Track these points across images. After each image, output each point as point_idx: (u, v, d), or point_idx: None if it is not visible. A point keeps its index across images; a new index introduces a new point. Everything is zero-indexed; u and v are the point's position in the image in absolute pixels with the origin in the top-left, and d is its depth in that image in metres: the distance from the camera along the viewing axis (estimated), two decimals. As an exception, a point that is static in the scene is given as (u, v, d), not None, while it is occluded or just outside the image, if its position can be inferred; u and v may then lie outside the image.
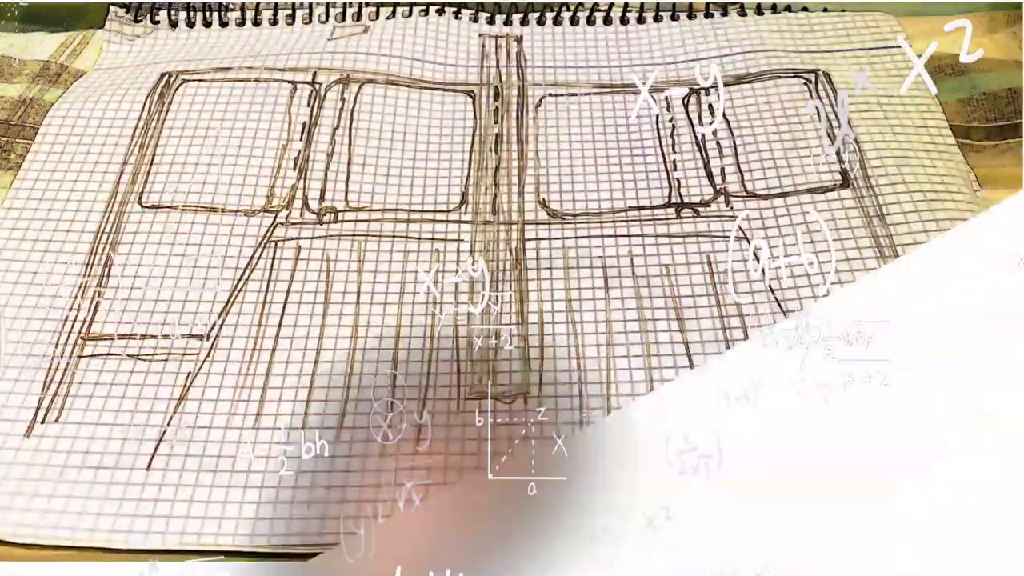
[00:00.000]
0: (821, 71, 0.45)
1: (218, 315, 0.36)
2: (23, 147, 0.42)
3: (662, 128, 0.43)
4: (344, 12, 0.49)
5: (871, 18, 0.48)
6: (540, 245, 0.39)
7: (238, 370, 0.35)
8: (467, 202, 0.41)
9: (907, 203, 0.39)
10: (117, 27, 0.49)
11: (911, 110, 0.43)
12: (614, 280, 0.37)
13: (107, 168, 0.41)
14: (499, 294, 0.37)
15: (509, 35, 0.49)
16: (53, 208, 0.40)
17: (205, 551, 0.30)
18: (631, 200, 0.40)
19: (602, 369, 0.35)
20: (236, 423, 0.33)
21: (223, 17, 0.50)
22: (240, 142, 0.42)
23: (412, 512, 0.30)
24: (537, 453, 0.32)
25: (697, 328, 0.36)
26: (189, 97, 0.44)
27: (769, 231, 0.38)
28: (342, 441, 0.33)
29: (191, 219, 0.39)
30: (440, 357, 0.35)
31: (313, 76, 0.45)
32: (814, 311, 0.34)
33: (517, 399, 0.34)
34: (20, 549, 0.30)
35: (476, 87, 0.46)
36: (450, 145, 0.43)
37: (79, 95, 0.45)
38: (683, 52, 0.47)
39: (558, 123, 0.44)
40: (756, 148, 0.42)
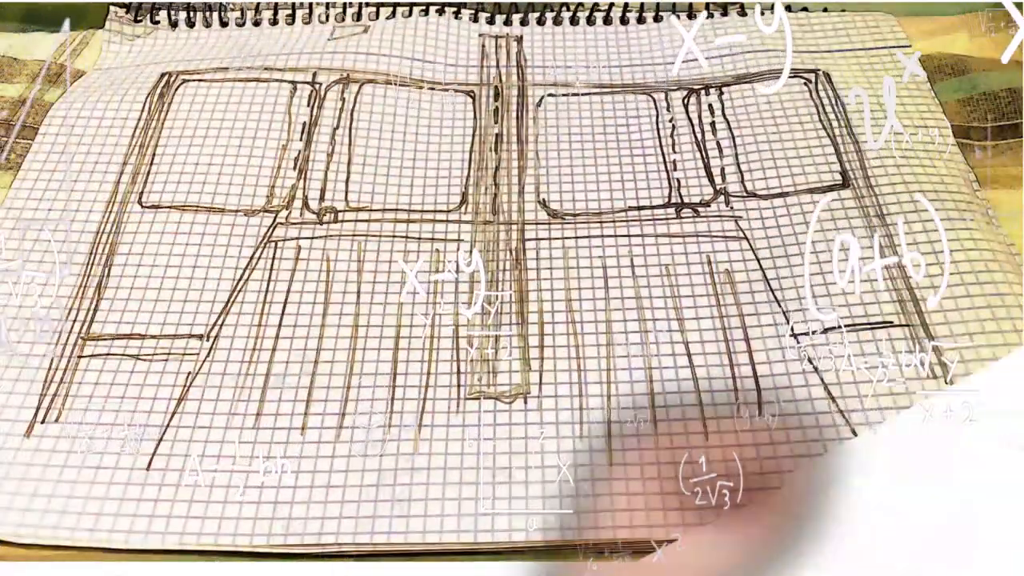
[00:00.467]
0: (821, 71, 0.45)
1: (218, 315, 0.36)
2: (23, 147, 0.42)
3: (662, 128, 0.43)
4: (344, 12, 0.49)
5: (871, 18, 0.48)
6: (540, 245, 0.39)
7: (238, 370, 0.35)
8: (467, 202, 0.41)
9: (907, 203, 0.39)
10: (117, 27, 0.49)
11: (911, 110, 0.43)
12: (614, 280, 0.37)
13: (107, 168, 0.41)
14: (496, 294, 0.37)
15: (509, 35, 0.49)
16: (53, 208, 0.40)
17: (205, 551, 0.30)
18: (631, 200, 0.40)
19: (602, 369, 0.35)
20: (236, 423, 0.33)
21: (223, 17, 0.50)
22: (240, 142, 0.42)
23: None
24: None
25: (697, 328, 0.36)
26: (189, 97, 0.44)
27: (770, 231, 0.39)
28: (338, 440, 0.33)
29: (191, 219, 0.39)
30: (440, 357, 0.35)
31: (313, 76, 0.45)
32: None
33: (517, 399, 0.34)
34: (20, 549, 0.30)
35: (476, 87, 0.46)
36: (450, 145, 0.43)
37: (79, 95, 0.45)
38: (683, 52, 0.47)
39: (558, 123, 0.44)
40: (756, 148, 0.42)
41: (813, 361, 0.34)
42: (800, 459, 0.31)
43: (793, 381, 0.34)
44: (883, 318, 0.35)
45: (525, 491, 0.31)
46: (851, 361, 0.34)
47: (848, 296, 0.36)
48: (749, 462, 0.32)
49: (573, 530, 0.30)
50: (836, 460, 0.31)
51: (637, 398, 0.34)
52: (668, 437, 0.33)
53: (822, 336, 0.35)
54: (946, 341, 0.34)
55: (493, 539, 0.30)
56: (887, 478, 0.31)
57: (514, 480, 0.32)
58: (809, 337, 0.35)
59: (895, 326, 0.35)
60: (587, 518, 0.31)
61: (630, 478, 0.32)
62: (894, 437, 0.32)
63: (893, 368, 0.34)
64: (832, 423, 0.33)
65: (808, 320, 0.35)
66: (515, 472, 0.32)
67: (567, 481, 0.32)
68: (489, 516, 0.31)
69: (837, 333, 0.35)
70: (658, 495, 0.31)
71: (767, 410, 0.33)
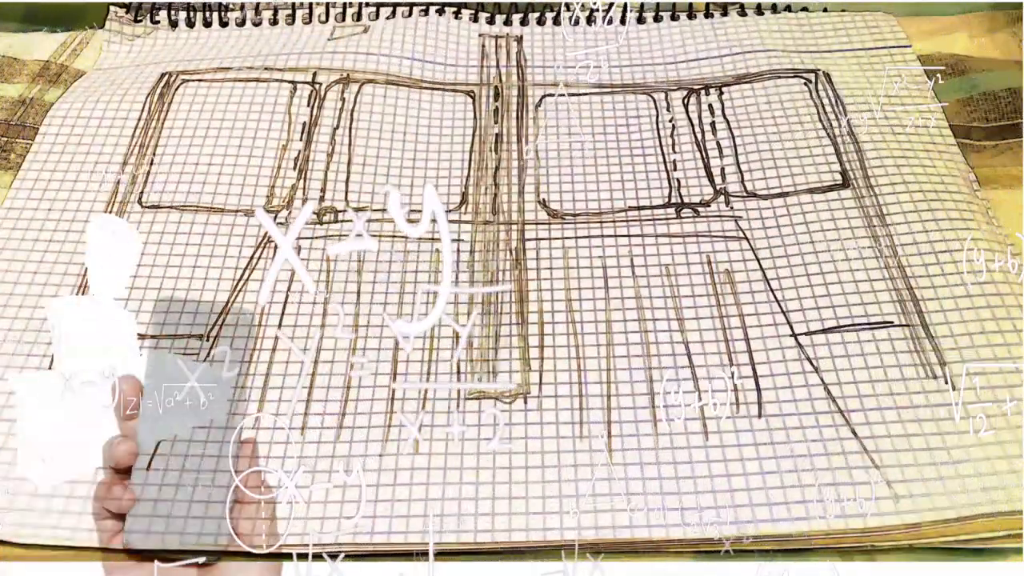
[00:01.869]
0: (821, 71, 0.45)
1: (218, 315, 0.36)
2: (23, 147, 0.42)
3: (662, 128, 0.43)
4: (344, 12, 0.49)
5: (871, 18, 0.48)
6: (540, 245, 0.39)
7: (238, 370, 0.35)
8: (467, 202, 0.41)
9: (907, 203, 0.39)
10: (117, 27, 0.49)
11: (911, 110, 0.43)
12: (614, 280, 0.37)
13: (107, 168, 0.41)
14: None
15: (509, 35, 0.49)
16: (53, 208, 0.40)
17: (205, 551, 0.30)
18: (631, 200, 0.40)
19: (602, 369, 0.35)
20: (236, 423, 0.33)
21: (223, 17, 0.50)
22: (240, 142, 0.42)
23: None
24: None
25: (697, 328, 0.36)
26: (189, 97, 0.44)
27: (770, 231, 0.39)
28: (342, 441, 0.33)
29: (191, 219, 0.39)
30: (440, 357, 0.35)
31: (313, 76, 0.45)
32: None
33: (517, 399, 0.34)
34: (20, 549, 0.30)
35: (476, 87, 0.46)
36: (450, 145, 0.43)
37: (79, 95, 0.45)
38: (683, 52, 0.47)
39: (558, 123, 0.44)
40: (756, 148, 0.42)
41: (813, 361, 0.34)
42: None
43: (793, 381, 0.34)
44: (883, 318, 0.35)
45: (525, 491, 0.31)
46: (851, 361, 0.34)
47: (848, 296, 0.36)
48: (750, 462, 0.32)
49: (573, 530, 0.30)
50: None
51: (637, 398, 0.34)
52: (668, 437, 0.33)
53: (822, 336, 0.35)
54: (946, 341, 0.34)
55: (493, 539, 0.30)
56: None
57: (514, 480, 0.32)
58: (809, 337, 0.35)
59: (895, 326, 0.35)
60: (587, 518, 0.31)
61: (630, 478, 0.32)
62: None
63: (893, 368, 0.34)
64: (832, 423, 0.33)
65: (808, 320, 0.35)
66: (515, 472, 0.32)
67: (568, 481, 0.32)
68: (489, 516, 0.31)
69: (837, 333, 0.35)
70: (658, 495, 0.31)
71: (767, 410, 0.33)
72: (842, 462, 0.32)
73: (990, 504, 0.30)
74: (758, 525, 0.30)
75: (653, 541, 0.30)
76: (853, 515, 0.30)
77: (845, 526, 0.30)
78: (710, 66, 0.46)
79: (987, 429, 0.32)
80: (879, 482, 0.31)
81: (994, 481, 0.31)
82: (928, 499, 0.31)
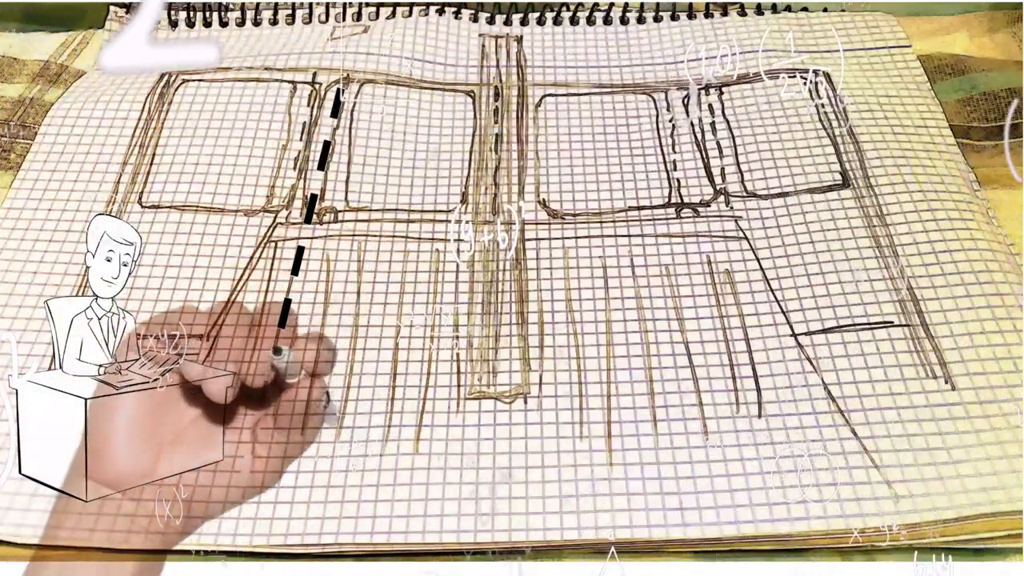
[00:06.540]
0: (821, 71, 0.45)
1: (218, 315, 0.36)
2: (23, 147, 0.42)
3: (662, 128, 0.43)
4: (344, 12, 0.49)
5: (871, 18, 0.48)
6: (540, 245, 0.39)
7: (239, 370, 0.35)
8: (467, 202, 0.41)
9: (907, 203, 0.39)
10: (117, 27, 0.49)
11: (911, 110, 0.43)
12: (614, 280, 0.37)
13: (107, 168, 0.41)
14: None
15: (509, 35, 0.49)
16: (53, 208, 0.40)
17: (205, 551, 0.30)
18: (631, 200, 0.40)
19: (602, 369, 0.35)
20: (237, 423, 0.33)
21: (223, 17, 0.50)
22: (240, 142, 0.42)
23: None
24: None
25: (697, 328, 0.36)
26: (189, 97, 0.44)
27: (770, 231, 0.39)
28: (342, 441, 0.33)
29: (191, 219, 0.39)
30: (440, 357, 0.35)
31: (313, 76, 0.45)
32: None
33: (517, 399, 0.34)
34: (20, 549, 0.30)
35: (476, 87, 0.46)
36: (450, 145, 0.43)
37: (79, 95, 0.45)
38: (683, 52, 0.47)
39: (558, 123, 0.44)
40: (756, 148, 0.42)
41: (813, 361, 0.34)
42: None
43: (793, 381, 0.34)
44: (883, 318, 0.35)
45: (525, 491, 0.31)
46: (851, 361, 0.34)
47: (848, 296, 0.36)
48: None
49: (574, 530, 0.30)
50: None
51: (637, 398, 0.34)
52: (668, 437, 0.33)
53: (822, 336, 0.35)
54: (946, 341, 0.34)
55: (493, 539, 0.30)
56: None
57: (514, 480, 0.32)
58: (809, 337, 0.35)
59: (895, 326, 0.35)
60: (587, 518, 0.31)
61: (630, 478, 0.32)
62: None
63: (893, 368, 0.34)
64: (832, 423, 0.33)
65: (808, 320, 0.35)
66: (515, 472, 0.32)
67: (567, 481, 0.32)
68: (489, 516, 0.31)
69: (837, 333, 0.35)
70: (658, 495, 0.31)
71: (767, 410, 0.33)
72: (842, 462, 0.32)
73: (990, 504, 0.30)
74: (758, 525, 0.30)
75: (653, 541, 0.30)
76: (853, 515, 0.30)
77: (845, 526, 0.30)
78: (710, 66, 0.46)
79: (987, 429, 0.32)
80: (879, 482, 0.31)
81: (994, 481, 0.31)
82: (928, 499, 0.31)
